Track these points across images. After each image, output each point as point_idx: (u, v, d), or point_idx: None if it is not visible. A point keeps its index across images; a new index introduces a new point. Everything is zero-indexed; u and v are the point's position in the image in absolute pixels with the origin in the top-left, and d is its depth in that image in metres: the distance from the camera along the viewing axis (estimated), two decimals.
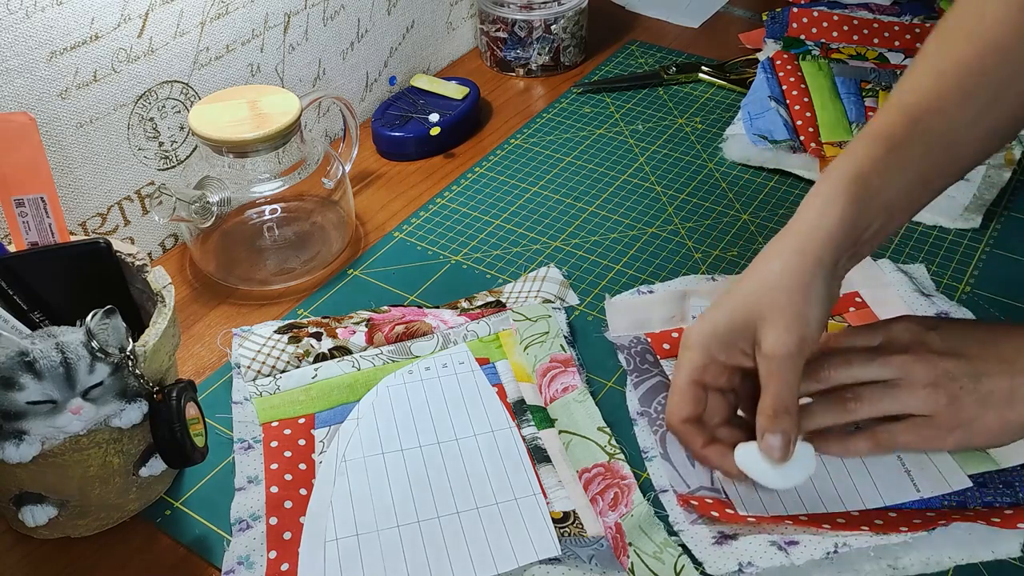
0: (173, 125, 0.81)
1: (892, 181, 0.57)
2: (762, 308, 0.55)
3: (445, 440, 0.65)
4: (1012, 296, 0.76)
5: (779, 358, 0.54)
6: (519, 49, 1.09)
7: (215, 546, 0.60)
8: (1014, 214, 0.85)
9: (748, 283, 0.57)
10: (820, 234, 0.55)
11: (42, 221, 0.61)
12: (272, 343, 0.71)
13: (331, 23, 0.93)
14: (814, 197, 0.57)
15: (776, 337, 0.54)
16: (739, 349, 0.57)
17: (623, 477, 0.61)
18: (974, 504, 0.59)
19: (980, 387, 0.56)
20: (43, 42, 0.69)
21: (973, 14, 0.59)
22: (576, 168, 0.94)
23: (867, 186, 0.56)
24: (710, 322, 0.57)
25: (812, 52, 1.01)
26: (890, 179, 0.57)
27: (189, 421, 0.57)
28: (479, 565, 0.57)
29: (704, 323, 0.58)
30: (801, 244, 0.55)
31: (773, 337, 0.54)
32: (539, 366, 0.70)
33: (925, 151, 0.57)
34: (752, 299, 0.56)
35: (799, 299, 0.55)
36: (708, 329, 0.57)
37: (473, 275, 0.81)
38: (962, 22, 0.59)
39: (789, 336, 0.54)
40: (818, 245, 0.55)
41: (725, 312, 0.57)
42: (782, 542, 0.56)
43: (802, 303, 0.55)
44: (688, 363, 0.57)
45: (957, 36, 0.59)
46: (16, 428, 0.53)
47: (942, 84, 0.58)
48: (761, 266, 0.57)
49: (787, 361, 0.54)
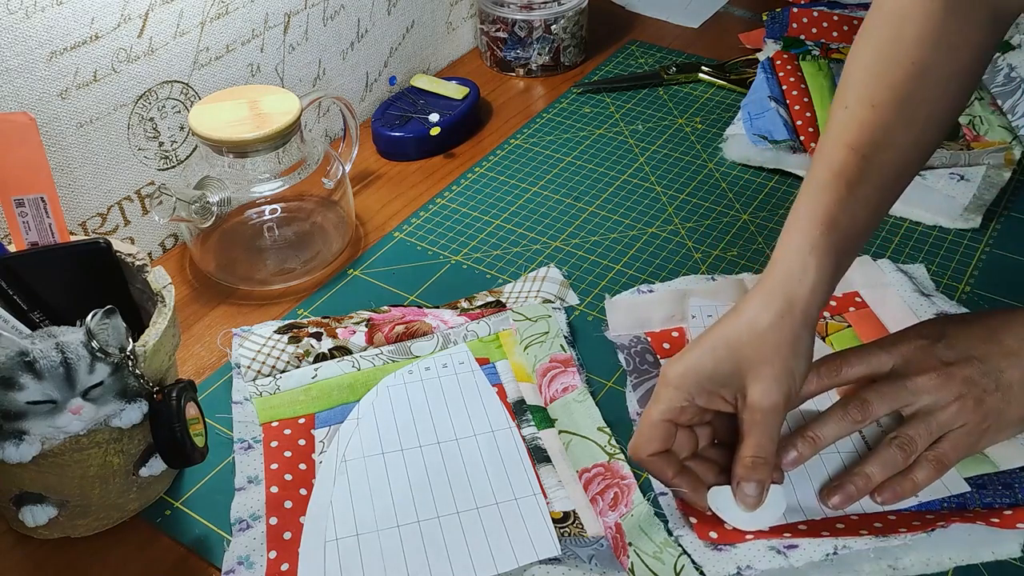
0: (173, 125, 0.81)
1: (856, 220, 0.58)
2: (750, 359, 0.56)
3: (445, 440, 0.65)
4: (1012, 296, 0.76)
5: (765, 410, 0.56)
6: (519, 49, 1.09)
7: (215, 546, 0.60)
8: (1014, 214, 0.85)
9: (734, 330, 0.57)
10: (804, 289, 0.56)
11: (42, 221, 0.61)
12: (272, 343, 0.71)
13: (331, 23, 0.93)
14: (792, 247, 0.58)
15: (764, 390, 0.55)
16: (720, 396, 0.58)
17: (623, 477, 0.61)
18: (973, 505, 0.59)
19: (1000, 384, 0.59)
20: (43, 42, 0.69)
21: (890, 38, 0.60)
22: (576, 168, 0.94)
23: (839, 230, 0.58)
24: (694, 365, 0.57)
25: (812, 52, 1.01)
26: (854, 218, 0.58)
27: (189, 421, 0.57)
28: (479, 565, 0.57)
29: (686, 365, 0.58)
30: (788, 297, 0.56)
31: (761, 390, 0.56)
32: (539, 366, 0.70)
33: (881, 184, 0.59)
34: (739, 349, 0.56)
35: (788, 353, 0.56)
36: (692, 372, 0.57)
37: (473, 275, 0.81)
38: (881, 47, 0.60)
39: (777, 389, 0.55)
40: (804, 300, 0.56)
41: (710, 358, 0.57)
42: (781, 546, 0.56)
43: (791, 357, 0.56)
44: (666, 402, 0.57)
45: (880, 62, 0.60)
46: (16, 428, 0.53)
47: (882, 116, 0.59)
48: (747, 315, 0.57)
49: (772, 414, 0.56)
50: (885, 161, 0.59)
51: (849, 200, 0.58)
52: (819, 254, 0.57)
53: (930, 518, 0.57)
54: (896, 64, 0.59)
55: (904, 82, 0.59)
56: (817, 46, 1.02)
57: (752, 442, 0.56)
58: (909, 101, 0.59)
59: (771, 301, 0.57)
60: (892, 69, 0.59)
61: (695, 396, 0.57)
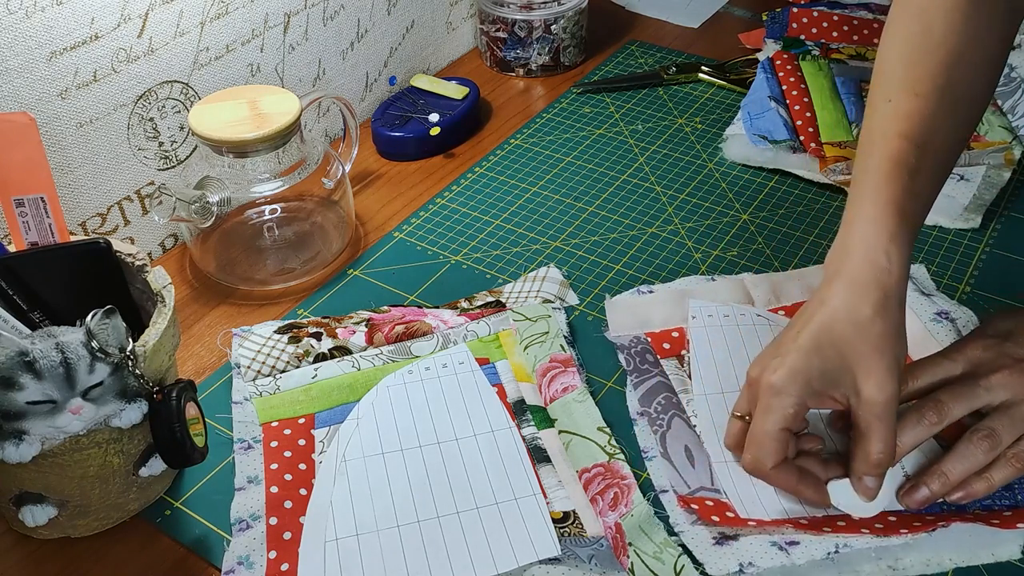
0: (173, 125, 0.81)
1: (918, 207, 0.60)
2: (860, 353, 0.56)
3: (445, 440, 0.65)
4: (1012, 296, 0.76)
5: (883, 403, 0.55)
6: (519, 49, 1.09)
7: (215, 546, 0.60)
8: (1014, 214, 0.85)
9: (835, 327, 0.57)
10: (894, 279, 0.57)
11: (42, 221, 0.61)
12: (272, 343, 0.71)
13: (331, 23, 0.93)
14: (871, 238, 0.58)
15: (878, 383, 0.55)
16: (830, 396, 0.57)
17: (623, 477, 0.61)
18: (973, 507, 0.59)
19: None
20: (43, 42, 0.69)
21: (920, 32, 0.62)
22: (576, 168, 0.94)
23: (909, 218, 0.59)
24: (800, 368, 0.57)
25: (812, 52, 1.01)
26: (916, 205, 0.60)
27: (189, 421, 0.57)
28: (479, 565, 0.57)
29: (791, 368, 0.57)
30: (883, 288, 0.57)
31: (875, 383, 0.55)
32: (539, 366, 0.70)
33: (935, 169, 0.61)
34: (846, 344, 0.56)
35: (895, 343, 0.56)
36: (799, 375, 0.57)
37: (473, 275, 0.81)
38: (913, 40, 0.62)
39: (891, 380, 0.56)
40: (897, 289, 0.57)
41: (817, 357, 0.57)
42: (783, 542, 0.56)
43: (898, 347, 0.56)
44: (779, 410, 0.56)
45: (915, 53, 0.62)
46: (16, 428, 0.53)
47: (928, 104, 0.60)
48: (843, 310, 0.57)
49: (890, 406, 0.56)
50: (937, 147, 0.60)
51: (912, 188, 0.59)
52: (899, 243, 0.58)
53: (931, 518, 0.58)
54: (931, 54, 0.61)
55: (942, 71, 0.60)
56: (817, 46, 1.02)
57: (876, 437, 0.55)
58: (949, 88, 0.60)
59: (866, 293, 0.57)
60: (928, 59, 0.61)
61: (807, 399, 0.57)
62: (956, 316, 0.71)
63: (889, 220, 0.58)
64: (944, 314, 0.71)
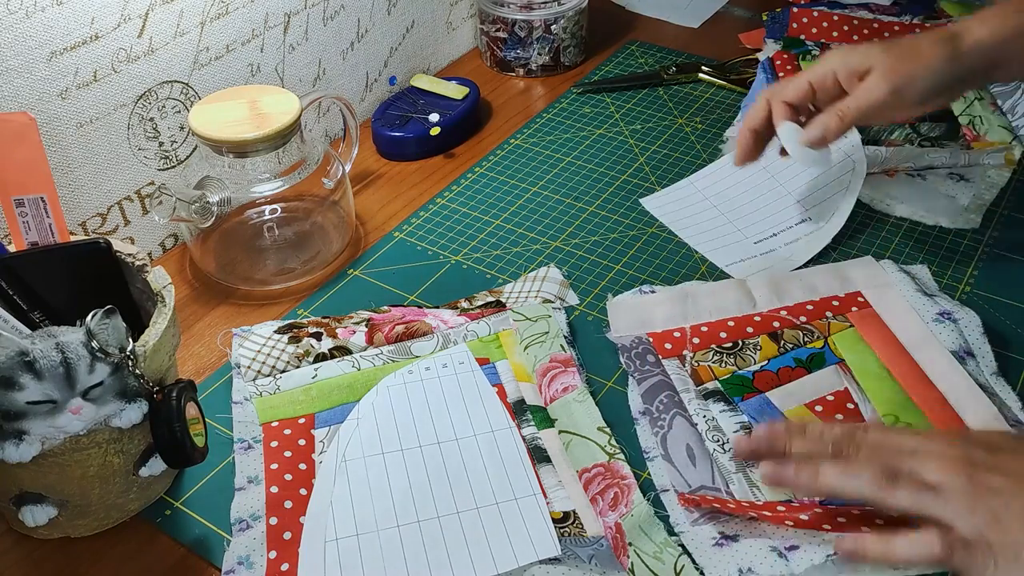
0: (173, 125, 0.81)
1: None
2: (896, 56, 0.70)
3: (445, 440, 0.65)
4: (1012, 296, 0.76)
5: (866, 89, 0.71)
6: (519, 49, 1.09)
7: (215, 546, 0.60)
8: (1014, 214, 0.85)
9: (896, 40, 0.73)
10: (972, 37, 0.70)
11: (42, 221, 0.61)
12: (272, 343, 0.71)
13: (331, 23, 0.93)
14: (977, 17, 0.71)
15: (876, 79, 0.70)
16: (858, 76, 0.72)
17: (623, 477, 0.61)
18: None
19: None
20: (43, 42, 0.69)
21: None
22: (576, 168, 0.94)
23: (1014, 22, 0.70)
24: (851, 49, 0.73)
25: (812, 52, 1.01)
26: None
27: (189, 421, 0.57)
28: (479, 565, 0.57)
29: (844, 49, 0.73)
30: (956, 34, 0.70)
31: (874, 78, 0.70)
32: (539, 366, 0.70)
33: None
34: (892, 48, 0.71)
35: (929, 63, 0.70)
36: (847, 51, 0.73)
37: (473, 275, 0.81)
38: None
39: (884, 82, 0.70)
40: (961, 33, 0.70)
41: (864, 47, 0.73)
42: (782, 547, 0.56)
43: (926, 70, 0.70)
44: (820, 68, 0.73)
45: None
46: (16, 428, 0.53)
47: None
48: (912, 38, 0.72)
49: (872, 93, 0.70)
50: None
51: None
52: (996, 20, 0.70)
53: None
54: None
55: None
56: (817, 46, 1.02)
57: (848, 101, 0.71)
58: None
59: (940, 33, 0.71)
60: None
61: (838, 70, 0.72)
62: (959, 316, 0.71)
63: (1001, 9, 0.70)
64: (947, 314, 0.71)
